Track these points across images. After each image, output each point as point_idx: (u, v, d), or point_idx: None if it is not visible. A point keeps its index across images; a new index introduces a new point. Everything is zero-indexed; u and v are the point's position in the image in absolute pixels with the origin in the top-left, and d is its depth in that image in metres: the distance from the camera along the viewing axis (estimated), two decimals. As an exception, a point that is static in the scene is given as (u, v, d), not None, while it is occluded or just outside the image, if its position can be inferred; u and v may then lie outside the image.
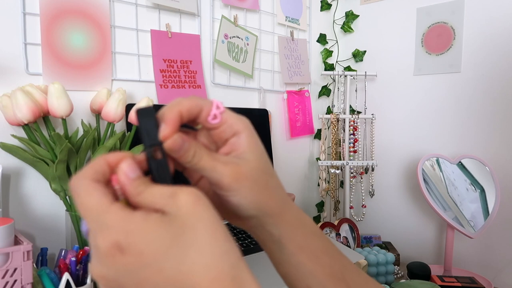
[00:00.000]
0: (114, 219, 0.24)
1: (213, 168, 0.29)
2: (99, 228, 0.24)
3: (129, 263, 0.23)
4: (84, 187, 0.25)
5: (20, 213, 0.75)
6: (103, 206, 0.24)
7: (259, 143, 0.32)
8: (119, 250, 0.23)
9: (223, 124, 0.31)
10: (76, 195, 0.25)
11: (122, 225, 0.24)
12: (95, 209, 0.24)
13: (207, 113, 0.30)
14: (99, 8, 0.83)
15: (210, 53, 1.04)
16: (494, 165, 1.07)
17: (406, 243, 1.25)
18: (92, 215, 0.25)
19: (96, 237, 0.24)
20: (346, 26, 1.38)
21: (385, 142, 1.31)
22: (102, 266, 0.24)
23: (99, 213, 0.24)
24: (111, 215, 0.24)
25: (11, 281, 0.57)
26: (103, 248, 0.24)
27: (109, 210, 0.24)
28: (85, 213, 0.25)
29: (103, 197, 0.25)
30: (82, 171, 0.26)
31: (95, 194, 0.25)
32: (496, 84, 1.08)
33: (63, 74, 0.79)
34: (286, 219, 0.33)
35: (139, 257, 0.23)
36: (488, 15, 1.09)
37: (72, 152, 0.71)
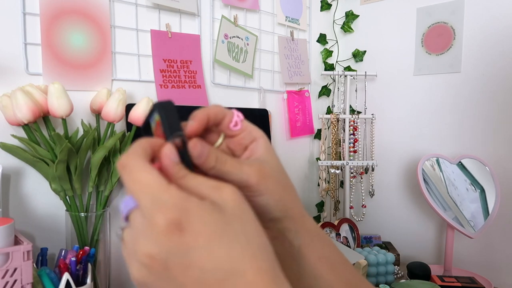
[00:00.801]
0: (175, 197, 0.24)
1: (239, 169, 0.30)
2: (158, 205, 0.24)
3: (185, 243, 0.23)
4: (140, 164, 0.25)
5: (20, 213, 0.75)
6: (163, 184, 0.25)
7: (273, 148, 0.34)
8: (178, 228, 0.23)
9: (243, 131, 0.32)
10: (129, 171, 0.25)
11: (183, 204, 0.24)
12: (155, 186, 0.24)
13: (229, 120, 0.32)
14: (99, 8, 0.83)
15: (210, 53, 1.04)
16: (494, 165, 1.07)
17: (406, 243, 1.25)
18: (152, 191, 0.24)
19: (153, 214, 0.24)
20: (346, 26, 1.38)
21: (385, 142, 1.31)
22: (155, 245, 0.24)
23: (160, 190, 0.24)
24: (172, 193, 0.24)
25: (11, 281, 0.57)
26: (161, 224, 0.23)
27: (169, 188, 0.25)
28: (142, 189, 0.25)
29: (160, 177, 0.25)
30: (133, 150, 0.26)
31: (153, 172, 0.25)
32: (496, 84, 1.08)
33: (63, 74, 0.79)
34: (306, 226, 0.33)
35: (195, 237, 0.23)
36: (488, 15, 1.09)
37: (72, 152, 0.71)
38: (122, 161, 0.26)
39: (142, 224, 0.24)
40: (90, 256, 0.71)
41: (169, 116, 0.28)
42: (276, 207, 0.31)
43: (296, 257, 0.33)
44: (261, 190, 0.30)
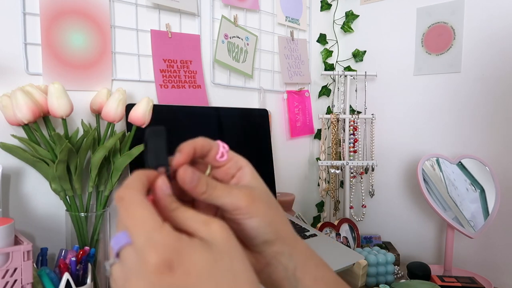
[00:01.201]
0: (168, 237, 0.25)
1: (229, 192, 0.31)
2: (150, 243, 0.24)
3: (175, 283, 0.24)
4: (137, 199, 0.26)
5: (20, 213, 0.75)
6: (157, 223, 0.25)
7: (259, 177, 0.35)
8: (169, 268, 0.24)
9: (229, 161, 0.34)
10: (126, 205, 0.26)
11: (174, 244, 0.24)
12: (150, 223, 0.25)
13: (215, 152, 0.33)
14: (99, 8, 0.83)
15: (210, 53, 1.04)
16: (494, 165, 1.07)
17: (406, 243, 1.25)
18: (145, 229, 0.25)
19: (145, 252, 0.24)
20: (346, 26, 1.38)
21: (385, 142, 1.31)
22: (145, 283, 0.24)
23: (154, 229, 0.25)
24: (165, 233, 0.25)
25: (11, 281, 0.57)
26: (153, 263, 0.24)
27: (163, 228, 0.25)
28: (137, 225, 0.25)
29: (155, 215, 0.26)
30: (131, 183, 0.27)
31: (149, 210, 0.26)
32: (496, 84, 1.08)
33: (63, 74, 0.79)
34: (299, 249, 0.34)
35: (185, 277, 0.24)
36: (488, 15, 1.09)
37: (72, 152, 0.71)
38: (120, 193, 0.27)
39: (134, 262, 0.25)
40: (90, 256, 0.71)
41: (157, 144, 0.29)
42: (267, 229, 0.32)
43: (292, 281, 0.33)
44: (252, 212, 0.31)
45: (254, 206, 0.31)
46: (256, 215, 0.31)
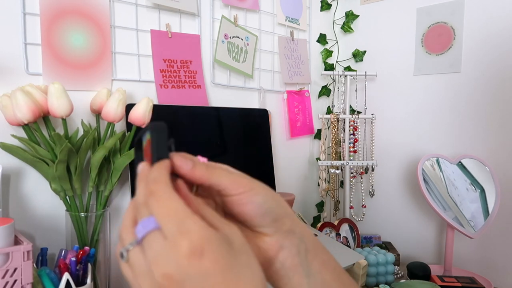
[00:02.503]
0: (199, 226, 0.26)
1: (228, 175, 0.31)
2: (183, 230, 0.26)
3: (203, 268, 0.25)
4: (168, 192, 0.27)
5: (20, 213, 0.75)
6: (188, 212, 0.27)
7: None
8: (200, 254, 0.25)
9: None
10: (157, 198, 0.27)
11: (205, 233, 0.26)
12: (182, 213, 0.26)
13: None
14: (99, 8, 0.83)
15: (210, 53, 1.04)
16: (494, 165, 1.07)
17: (406, 243, 1.25)
18: (178, 218, 0.26)
19: (177, 238, 0.25)
20: (346, 26, 1.38)
21: (385, 142, 1.31)
22: (175, 266, 0.25)
23: (186, 217, 0.26)
24: (196, 222, 0.26)
25: (11, 281, 0.57)
26: (186, 248, 0.25)
27: (193, 217, 0.26)
28: (170, 214, 0.26)
29: (184, 204, 0.27)
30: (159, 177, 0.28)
31: (180, 201, 0.27)
32: (496, 84, 1.08)
33: (63, 74, 0.79)
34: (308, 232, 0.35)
35: (212, 265, 0.25)
36: (488, 15, 1.09)
37: (72, 152, 0.71)
38: (150, 187, 0.28)
39: (163, 246, 0.26)
40: (90, 256, 0.71)
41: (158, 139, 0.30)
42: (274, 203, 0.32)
43: (305, 268, 0.33)
44: (255, 188, 0.32)
45: (255, 184, 0.32)
46: (259, 192, 0.32)
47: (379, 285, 0.90)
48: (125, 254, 0.28)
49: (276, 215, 0.32)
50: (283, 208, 0.33)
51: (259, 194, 0.32)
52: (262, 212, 0.32)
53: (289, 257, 0.33)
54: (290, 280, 0.33)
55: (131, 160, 0.77)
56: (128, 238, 0.28)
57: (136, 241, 0.27)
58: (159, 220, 0.26)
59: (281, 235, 0.33)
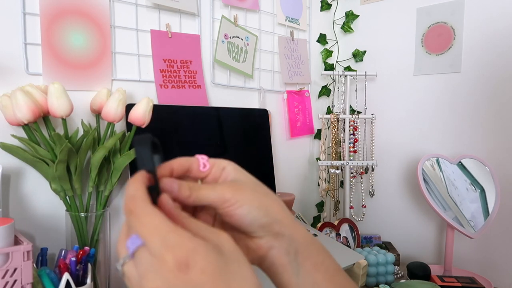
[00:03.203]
0: (182, 238, 0.26)
1: (213, 190, 0.32)
2: (167, 245, 0.26)
3: (190, 280, 0.25)
4: (147, 210, 0.27)
5: (20, 213, 0.75)
6: (170, 225, 0.27)
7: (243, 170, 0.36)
8: (185, 266, 0.25)
9: (212, 167, 0.35)
10: (137, 216, 0.27)
11: (189, 244, 0.26)
12: (163, 228, 0.26)
13: (197, 165, 0.35)
14: (99, 8, 0.83)
15: (210, 53, 1.04)
16: (494, 165, 1.07)
17: (406, 243, 1.25)
18: (160, 233, 0.26)
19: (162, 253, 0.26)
20: (346, 26, 1.38)
21: (385, 142, 1.31)
22: (163, 281, 0.25)
23: (168, 232, 0.26)
24: (179, 234, 0.26)
25: (11, 281, 0.57)
26: (171, 263, 0.25)
27: (176, 230, 0.26)
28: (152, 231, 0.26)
29: (167, 220, 0.27)
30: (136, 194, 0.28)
31: (160, 215, 0.27)
32: (496, 84, 1.08)
33: (63, 74, 0.79)
34: (300, 233, 0.35)
35: (200, 275, 0.25)
36: (488, 15, 1.09)
37: (72, 152, 0.71)
38: (128, 206, 0.28)
39: (151, 261, 0.26)
40: (90, 256, 0.71)
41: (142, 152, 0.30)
42: (259, 213, 0.33)
43: (294, 267, 0.34)
44: (239, 200, 0.32)
45: (239, 195, 0.32)
46: (244, 202, 0.32)
47: (379, 285, 0.90)
48: (120, 268, 0.28)
49: (262, 223, 0.33)
50: (269, 216, 0.33)
51: (242, 207, 0.32)
52: (247, 222, 0.33)
53: (278, 256, 0.34)
54: (281, 276, 0.34)
55: (131, 160, 0.77)
56: (123, 252, 0.29)
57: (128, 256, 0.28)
58: (143, 238, 0.27)
59: (271, 237, 0.34)
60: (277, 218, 0.34)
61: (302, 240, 0.35)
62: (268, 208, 0.34)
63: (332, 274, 0.35)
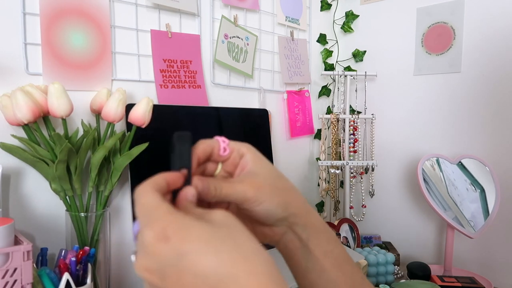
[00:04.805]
0: (163, 212, 0.27)
1: (234, 190, 0.33)
2: (149, 221, 0.26)
3: (172, 250, 0.25)
4: (144, 192, 0.29)
5: (20, 213, 0.75)
6: (155, 203, 0.28)
7: (263, 158, 0.37)
8: (164, 238, 0.25)
9: (232, 152, 0.36)
10: (137, 197, 0.29)
11: (168, 217, 0.26)
12: (149, 205, 0.27)
13: (218, 149, 0.36)
14: (99, 8, 0.83)
15: (210, 53, 1.04)
16: (494, 165, 1.07)
17: (406, 243, 1.25)
18: (145, 210, 0.27)
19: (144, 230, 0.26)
20: (346, 26, 1.38)
21: (385, 142, 1.31)
22: (147, 258, 0.26)
23: (152, 208, 0.27)
24: (160, 209, 0.27)
25: (11, 281, 0.57)
26: (149, 237, 0.25)
27: (159, 206, 0.27)
28: (140, 210, 0.28)
29: (157, 197, 0.28)
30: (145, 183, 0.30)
31: (152, 195, 0.28)
32: (496, 84, 1.08)
33: (63, 74, 0.79)
34: (312, 221, 0.37)
35: (181, 244, 0.25)
36: (488, 15, 1.09)
37: (72, 152, 0.71)
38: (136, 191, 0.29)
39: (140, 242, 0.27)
40: (90, 256, 0.71)
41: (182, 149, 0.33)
42: (278, 210, 0.35)
43: (304, 252, 0.36)
44: (260, 200, 0.34)
45: (260, 193, 0.34)
46: (264, 200, 0.34)
47: (379, 285, 0.90)
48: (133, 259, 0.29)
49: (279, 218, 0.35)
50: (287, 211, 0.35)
51: (261, 204, 0.34)
52: (265, 217, 0.35)
53: (290, 241, 0.37)
54: (292, 259, 0.37)
55: (131, 160, 0.77)
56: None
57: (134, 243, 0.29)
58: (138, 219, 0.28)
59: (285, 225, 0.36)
60: (293, 212, 0.36)
61: (314, 229, 0.37)
62: (287, 204, 0.35)
63: (341, 262, 0.37)
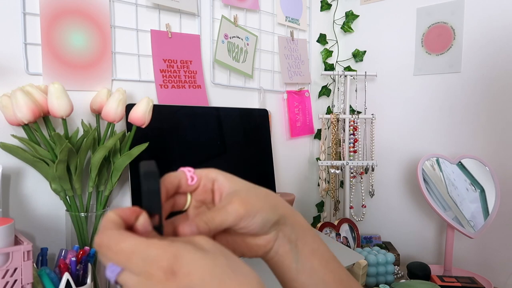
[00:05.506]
0: (160, 248, 0.26)
1: (226, 214, 0.32)
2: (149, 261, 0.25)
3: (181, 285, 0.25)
4: (114, 237, 0.27)
5: (20, 213, 0.75)
6: (143, 242, 0.26)
7: (234, 176, 0.37)
8: (172, 274, 0.25)
9: (200, 180, 0.35)
10: (108, 247, 0.26)
11: (168, 251, 0.26)
12: (138, 248, 0.26)
13: (185, 180, 0.35)
14: (99, 8, 0.83)
15: (210, 53, 1.04)
16: (494, 165, 1.07)
17: (406, 243, 1.25)
18: (137, 254, 0.26)
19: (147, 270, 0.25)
20: (346, 26, 1.38)
21: (385, 142, 1.31)
22: None
23: (143, 249, 0.26)
24: (155, 246, 0.26)
25: (11, 281, 0.57)
26: (158, 275, 0.25)
27: (150, 243, 0.26)
28: (129, 256, 0.26)
29: (137, 237, 0.27)
30: (102, 227, 0.28)
31: (129, 236, 0.27)
32: (496, 84, 1.08)
33: (63, 74, 0.79)
34: (298, 220, 0.37)
35: (189, 278, 0.25)
36: (488, 15, 1.09)
37: (72, 152, 0.71)
38: (96, 241, 0.27)
39: (138, 281, 0.26)
40: (90, 256, 0.71)
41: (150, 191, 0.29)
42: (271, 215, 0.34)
43: (294, 254, 0.36)
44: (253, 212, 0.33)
45: (250, 206, 0.33)
46: (256, 211, 0.33)
47: (379, 285, 0.90)
48: None
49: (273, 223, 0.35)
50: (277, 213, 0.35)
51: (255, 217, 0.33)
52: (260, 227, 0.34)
53: (281, 245, 0.36)
54: (282, 264, 0.36)
55: (131, 160, 0.77)
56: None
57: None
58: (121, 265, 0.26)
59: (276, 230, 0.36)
60: (281, 214, 0.35)
61: (300, 227, 0.37)
62: (275, 206, 0.35)
63: (327, 260, 0.37)
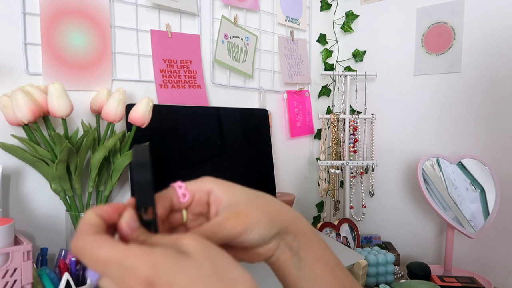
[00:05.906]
0: (138, 258, 0.24)
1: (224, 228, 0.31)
2: (126, 272, 0.24)
3: None
4: (90, 244, 0.25)
5: (20, 213, 0.75)
6: (119, 252, 0.24)
7: (231, 184, 0.34)
8: (150, 286, 0.23)
9: (194, 195, 0.33)
10: (83, 254, 0.25)
11: (146, 261, 0.24)
12: (113, 257, 0.24)
13: (176, 197, 0.32)
14: (99, 8, 0.83)
15: (210, 53, 1.04)
16: (494, 165, 1.07)
17: (406, 243, 1.25)
18: (114, 263, 0.24)
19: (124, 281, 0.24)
20: (346, 26, 1.38)
21: (385, 142, 1.31)
22: None
23: (120, 259, 0.24)
24: (133, 256, 0.24)
25: (11, 281, 0.57)
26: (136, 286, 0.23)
27: (127, 253, 0.24)
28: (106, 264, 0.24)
29: (115, 243, 0.25)
30: (79, 231, 0.26)
31: (107, 243, 0.25)
32: (496, 84, 1.08)
33: (63, 74, 0.79)
34: (301, 228, 0.35)
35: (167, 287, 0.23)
36: (488, 15, 1.09)
37: (72, 152, 0.71)
38: (72, 247, 0.26)
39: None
40: (90, 256, 0.71)
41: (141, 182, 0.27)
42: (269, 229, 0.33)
43: (296, 261, 0.34)
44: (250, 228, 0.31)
45: (248, 221, 0.31)
46: (254, 226, 0.31)
47: (379, 285, 0.90)
48: None
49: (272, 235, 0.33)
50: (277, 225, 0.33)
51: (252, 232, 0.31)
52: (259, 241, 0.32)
53: (282, 252, 0.34)
54: (283, 269, 0.35)
55: (131, 160, 0.77)
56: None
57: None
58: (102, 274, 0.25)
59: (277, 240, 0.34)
60: (282, 225, 0.34)
61: (303, 235, 0.35)
62: (275, 219, 0.33)
63: (332, 267, 0.36)
